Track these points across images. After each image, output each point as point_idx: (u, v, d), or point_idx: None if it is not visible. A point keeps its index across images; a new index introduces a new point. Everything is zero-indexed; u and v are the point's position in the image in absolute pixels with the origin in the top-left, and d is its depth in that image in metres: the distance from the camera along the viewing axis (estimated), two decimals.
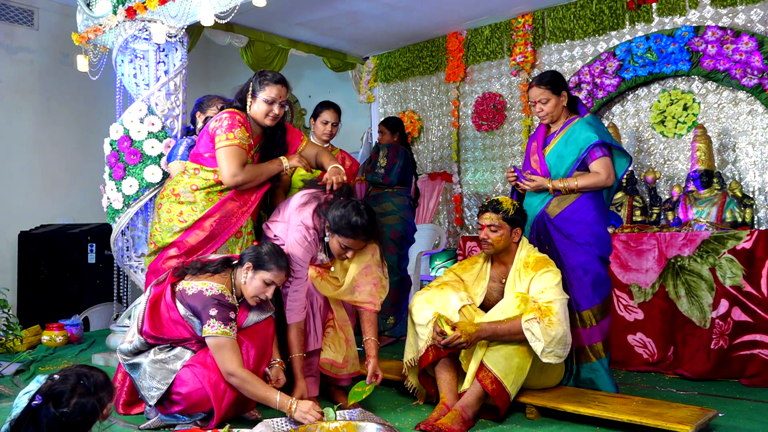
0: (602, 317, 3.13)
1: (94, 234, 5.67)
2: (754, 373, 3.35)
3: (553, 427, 2.69)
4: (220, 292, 2.65)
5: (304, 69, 6.90)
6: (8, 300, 4.01)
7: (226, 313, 2.62)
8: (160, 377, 2.66)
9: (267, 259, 2.71)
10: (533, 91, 3.22)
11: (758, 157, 4.18)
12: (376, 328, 3.04)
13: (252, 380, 2.60)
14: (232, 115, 2.97)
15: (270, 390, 2.62)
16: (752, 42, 4.03)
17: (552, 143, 3.24)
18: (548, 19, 5.07)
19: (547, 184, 3.14)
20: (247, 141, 2.98)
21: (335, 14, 4.98)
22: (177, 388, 2.65)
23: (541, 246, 3.15)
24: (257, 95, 3.02)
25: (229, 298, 2.68)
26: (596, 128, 3.14)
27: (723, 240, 3.50)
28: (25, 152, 6.13)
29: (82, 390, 1.78)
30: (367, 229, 2.85)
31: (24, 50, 6.19)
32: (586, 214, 3.12)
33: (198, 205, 3.00)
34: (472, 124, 5.58)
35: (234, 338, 2.62)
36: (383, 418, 2.77)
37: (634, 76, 4.56)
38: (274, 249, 2.77)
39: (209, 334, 2.59)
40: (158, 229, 3.06)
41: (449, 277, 3.07)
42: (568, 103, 3.24)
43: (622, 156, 3.21)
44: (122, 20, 4.09)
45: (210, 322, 2.59)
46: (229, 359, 2.57)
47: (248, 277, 2.71)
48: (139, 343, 2.74)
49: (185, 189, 3.02)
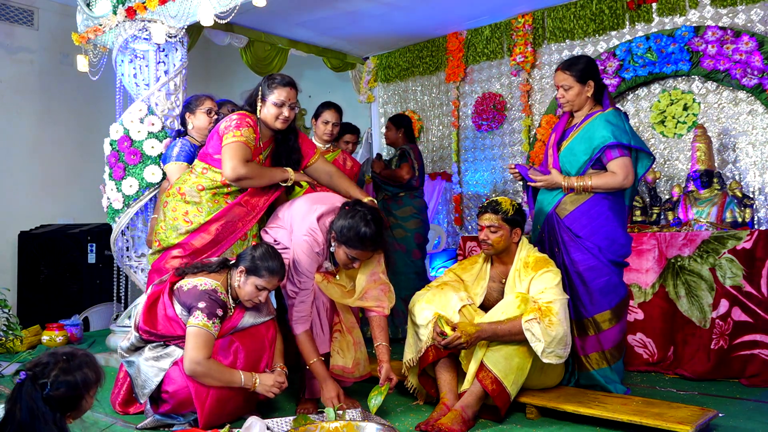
0: (611, 324, 3.07)
1: (94, 234, 5.67)
2: (754, 373, 3.35)
3: (553, 427, 2.69)
4: (213, 287, 2.65)
5: (304, 69, 6.89)
6: (8, 300, 4.01)
7: (214, 308, 2.61)
8: (152, 375, 2.66)
9: (259, 265, 2.66)
10: (558, 75, 3.10)
11: (758, 157, 4.18)
12: (387, 333, 2.96)
13: (217, 367, 2.58)
14: (242, 116, 2.97)
15: (234, 372, 2.61)
16: (752, 42, 4.03)
17: (570, 137, 3.12)
18: (548, 19, 5.07)
19: (561, 180, 3.04)
20: (253, 141, 2.97)
21: (335, 14, 4.98)
22: (165, 386, 2.65)
23: (549, 247, 3.11)
24: (267, 99, 3.01)
25: (222, 294, 2.67)
26: (614, 127, 2.97)
27: (723, 240, 3.50)
28: (25, 152, 6.13)
29: (64, 365, 1.78)
30: (375, 240, 2.77)
31: (24, 50, 6.19)
32: (599, 214, 3.02)
33: (203, 206, 2.98)
34: (472, 124, 5.58)
35: (213, 333, 2.60)
36: (383, 418, 2.77)
37: (634, 76, 4.56)
38: (267, 253, 2.70)
39: (191, 324, 2.59)
40: (163, 228, 3.04)
41: (449, 277, 3.07)
42: (595, 93, 3.08)
43: (644, 156, 3.06)
44: (122, 20, 4.10)
45: (195, 313, 2.60)
46: (199, 348, 2.56)
47: (241, 281, 2.70)
48: (135, 339, 2.74)
49: (191, 188, 3.01)
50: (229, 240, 3.02)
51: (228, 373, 2.61)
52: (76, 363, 1.80)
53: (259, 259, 2.67)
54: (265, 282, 2.67)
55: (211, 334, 2.59)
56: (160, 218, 3.09)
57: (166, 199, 3.08)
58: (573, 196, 3.07)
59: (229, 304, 2.73)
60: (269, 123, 3.04)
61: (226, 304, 2.69)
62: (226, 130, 2.93)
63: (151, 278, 3.06)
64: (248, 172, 2.90)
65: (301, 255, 2.80)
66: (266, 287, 2.68)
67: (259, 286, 2.67)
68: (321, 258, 2.88)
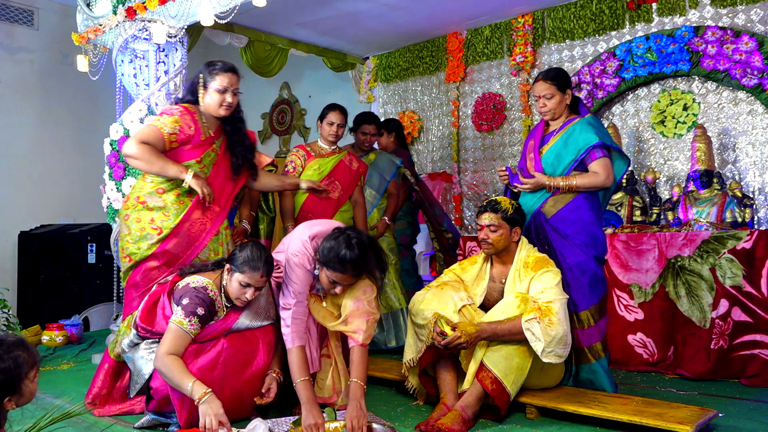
0: (600, 317, 3.13)
1: (94, 234, 5.67)
2: (754, 373, 3.35)
3: (553, 427, 2.69)
4: (203, 285, 2.65)
5: (304, 69, 6.90)
6: (8, 300, 4.01)
7: (195, 306, 2.59)
8: (144, 369, 2.67)
9: (242, 261, 2.64)
10: (539, 86, 3.19)
11: (758, 157, 4.18)
12: (365, 368, 2.71)
13: (171, 365, 2.50)
14: (170, 108, 2.98)
15: (186, 376, 2.49)
16: (752, 42, 4.02)
17: (551, 142, 3.22)
18: (548, 19, 5.07)
19: (546, 181, 3.12)
20: (177, 129, 2.90)
21: (335, 14, 4.98)
22: (152, 383, 2.66)
23: (538, 245, 3.15)
24: (209, 86, 2.98)
25: (212, 293, 2.66)
26: (597, 129, 3.13)
27: (723, 240, 3.50)
28: (25, 152, 6.13)
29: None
30: (356, 265, 2.65)
31: (24, 50, 6.19)
32: (582, 214, 3.12)
33: (169, 210, 2.93)
34: (472, 124, 5.58)
35: (186, 331, 2.57)
36: (383, 418, 2.77)
37: (634, 76, 4.56)
38: (251, 250, 2.66)
39: (171, 319, 2.60)
40: (131, 241, 2.95)
41: (449, 277, 3.07)
42: (570, 103, 3.23)
43: (620, 158, 3.21)
44: (122, 20, 4.09)
45: (176, 309, 2.60)
46: (165, 342, 2.56)
47: (228, 279, 2.69)
48: (133, 335, 2.75)
49: (151, 194, 2.94)
50: (203, 239, 2.98)
51: (178, 377, 2.49)
52: (4, 348, 1.79)
53: (241, 255, 2.66)
54: (247, 278, 2.63)
55: (183, 331, 2.57)
56: (124, 233, 3.00)
57: (126, 212, 3.00)
58: (558, 196, 3.13)
59: (220, 303, 2.71)
60: (213, 110, 3.01)
61: (213, 303, 2.66)
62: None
63: (129, 294, 3.00)
64: (138, 152, 2.84)
65: (293, 268, 2.75)
66: (250, 283, 2.64)
67: (243, 282, 2.64)
68: (311, 277, 2.79)
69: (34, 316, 5.51)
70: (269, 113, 7.37)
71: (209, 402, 2.43)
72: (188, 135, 2.96)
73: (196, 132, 2.98)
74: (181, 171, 2.89)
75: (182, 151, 2.97)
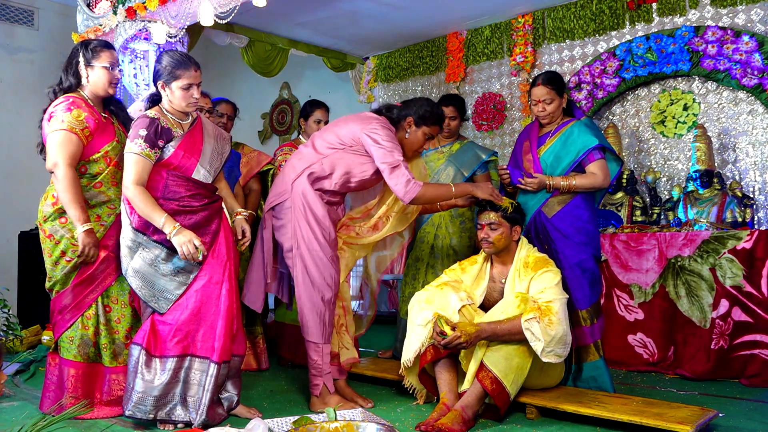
0: (598, 315, 3.16)
1: None
2: (754, 373, 3.35)
3: (553, 427, 2.69)
4: (153, 115, 2.65)
5: (304, 69, 6.90)
6: (8, 300, 4.01)
7: (137, 130, 2.61)
8: (172, 287, 2.65)
9: (169, 69, 2.66)
10: (539, 90, 3.20)
11: (758, 157, 4.18)
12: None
13: (147, 198, 2.57)
14: (60, 104, 2.81)
15: (158, 210, 2.57)
16: (752, 42, 4.02)
17: (548, 143, 3.24)
18: (548, 19, 5.07)
19: (548, 181, 3.14)
20: (79, 125, 2.77)
21: (335, 14, 4.98)
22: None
23: (539, 245, 3.15)
24: (93, 64, 2.88)
25: (152, 114, 2.66)
26: (594, 132, 3.18)
27: (723, 240, 3.50)
28: (25, 152, 6.12)
29: None
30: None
31: (24, 50, 6.19)
32: (581, 213, 3.15)
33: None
34: (472, 124, 5.57)
35: (139, 153, 2.58)
36: (383, 418, 2.77)
37: (634, 76, 4.56)
38: (170, 55, 2.70)
39: (130, 150, 2.60)
40: (51, 267, 2.82)
41: (449, 277, 3.07)
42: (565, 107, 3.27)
43: (613, 160, 3.25)
44: (122, 20, 4.10)
45: (136, 141, 2.59)
46: (130, 173, 2.58)
47: (168, 96, 2.69)
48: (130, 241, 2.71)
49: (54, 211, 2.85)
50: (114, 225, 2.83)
51: (151, 207, 2.56)
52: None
53: (164, 65, 2.68)
54: (185, 78, 2.65)
55: (136, 156, 2.58)
56: (47, 263, 2.84)
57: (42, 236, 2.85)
58: (559, 197, 3.16)
59: (166, 121, 2.68)
60: (100, 91, 2.89)
61: (155, 121, 2.63)
62: None
63: (59, 322, 2.81)
64: (63, 178, 2.78)
65: (381, 132, 2.89)
66: (190, 83, 2.67)
67: (183, 86, 2.66)
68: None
69: (34, 316, 5.49)
70: (269, 113, 7.38)
71: (180, 233, 2.54)
72: (96, 122, 2.84)
73: (96, 116, 2.86)
74: (79, 219, 2.74)
75: (96, 140, 2.84)
